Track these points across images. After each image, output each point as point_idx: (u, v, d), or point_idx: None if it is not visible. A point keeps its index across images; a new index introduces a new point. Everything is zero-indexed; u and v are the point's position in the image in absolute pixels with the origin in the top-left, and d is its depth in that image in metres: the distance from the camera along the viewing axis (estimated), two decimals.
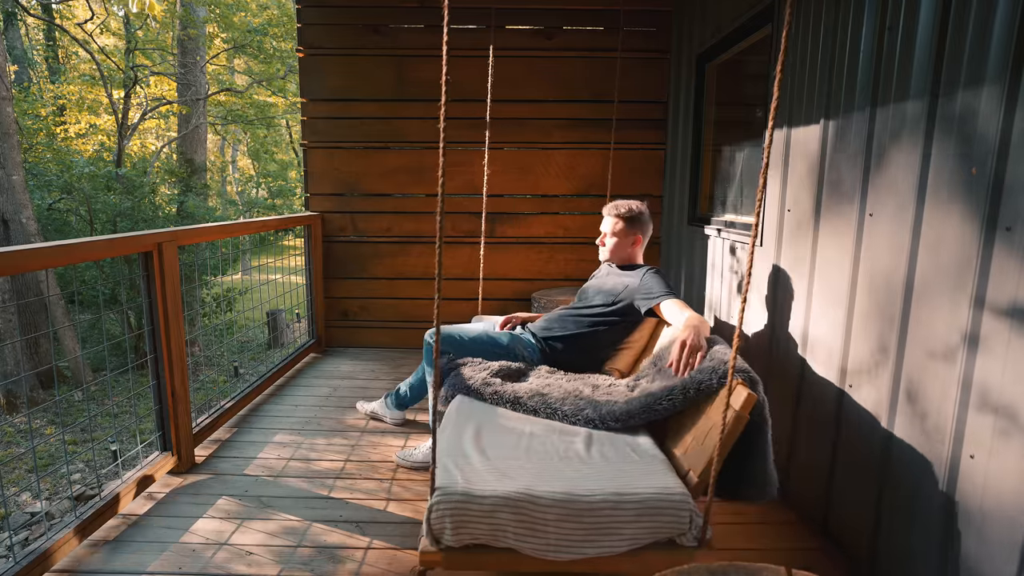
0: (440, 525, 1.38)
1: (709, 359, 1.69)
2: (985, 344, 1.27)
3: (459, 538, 1.39)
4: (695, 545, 1.40)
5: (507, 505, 1.37)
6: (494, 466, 1.54)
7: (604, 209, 2.42)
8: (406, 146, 4.00)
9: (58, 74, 11.81)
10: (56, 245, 1.74)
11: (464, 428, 1.79)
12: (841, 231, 1.82)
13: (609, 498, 1.39)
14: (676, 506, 1.39)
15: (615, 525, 1.38)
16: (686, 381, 1.66)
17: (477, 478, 1.47)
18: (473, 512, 1.38)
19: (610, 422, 1.78)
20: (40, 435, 5.88)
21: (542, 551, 1.39)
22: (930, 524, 1.43)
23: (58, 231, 8.42)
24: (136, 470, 2.12)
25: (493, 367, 2.15)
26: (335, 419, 2.86)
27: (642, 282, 2.23)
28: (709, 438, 1.50)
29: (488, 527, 1.38)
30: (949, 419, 1.37)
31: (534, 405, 1.92)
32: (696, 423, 1.64)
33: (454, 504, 1.38)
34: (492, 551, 1.41)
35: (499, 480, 1.46)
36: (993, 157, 1.25)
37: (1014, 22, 1.20)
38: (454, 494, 1.39)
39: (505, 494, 1.39)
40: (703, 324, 1.84)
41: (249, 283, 9.43)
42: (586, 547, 1.39)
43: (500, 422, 1.85)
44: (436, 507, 1.38)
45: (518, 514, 1.38)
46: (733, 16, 2.75)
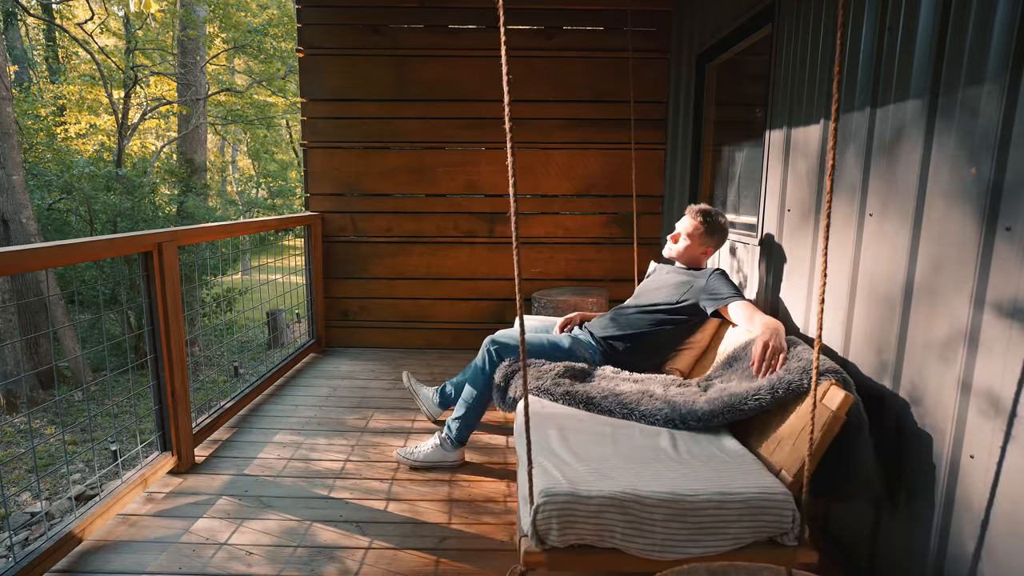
0: (547, 525, 1.37)
1: (797, 359, 1.68)
2: (985, 344, 1.27)
3: (565, 538, 1.38)
4: (795, 544, 1.40)
5: (613, 505, 1.38)
6: (591, 466, 1.53)
7: (688, 208, 2.40)
8: (406, 146, 4.00)
9: (58, 74, 11.81)
10: (56, 245, 1.74)
11: (546, 429, 1.76)
12: (841, 231, 1.82)
13: (713, 498, 1.39)
14: (779, 505, 1.38)
15: (719, 524, 1.38)
16: (774, 381, 1.64)
17: (579, 478, 1.46)
18: (580, 512, 1.37)
19: (691, 422, 1.76)
20: (40, 435, 5.88)
21: (648, 551, 1.39)
22: (930, 524, 1.43)
23: (58, 231, 8.42)
24: (136, 470, 2.12)
25: (558, 368, 2.11)
26: (335, 419, 2.86)
27: (709, 282, 2.21)
28: (801, 438, 1.49)
29: (595, 527, 1.38)
30: (949, 419, 1.37)
31: (608, 405, 1.89)
32: (784, 423, 1.62)
33: (561, 504, 1.37)
34: (597, 551, 1.41)
35: (601, 480, 1.45)
36: (993, 157, 1.25)
37: (1014, 22, 1.20)
38: (560, 494, 1.38)
39: (611, 494, 1.39)
40: (781, 327, 1.84)
41: (249, 283, 9.43)
42: (691, 547, 1.39)
43: (578, 423, 1.83)
44: (543, 508, 1.37)
45: (625, 514, 1.38)
46: (733, 16, 2.75)
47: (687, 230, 2.36)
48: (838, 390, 1.44)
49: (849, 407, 1.42)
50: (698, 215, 2.36)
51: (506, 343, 2.29)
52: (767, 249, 2.39)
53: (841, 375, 1.52)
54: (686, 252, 2.37)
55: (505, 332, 2.40)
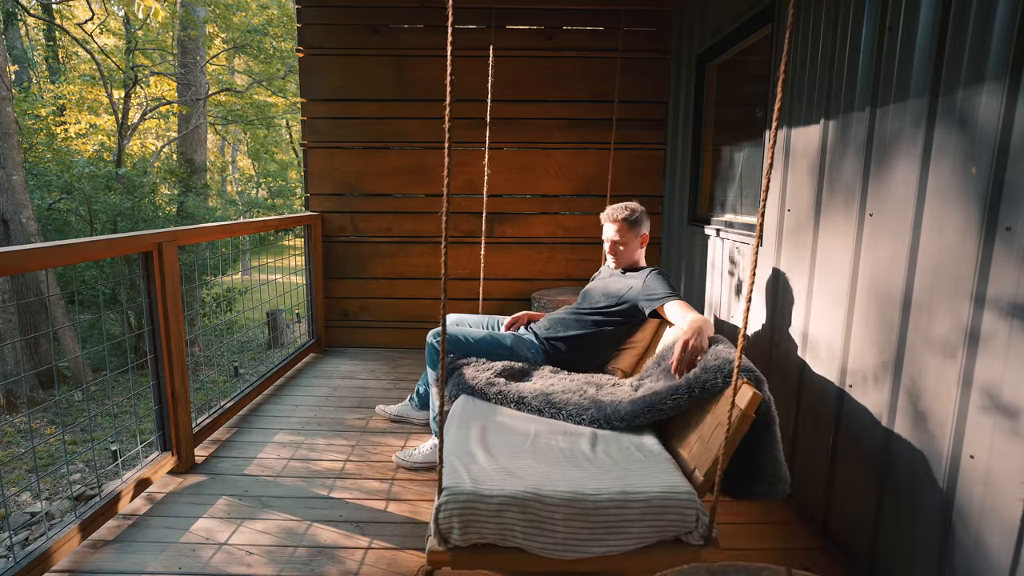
0: (448, 524, 1.39)
1: (714, 358, 1.68)
2: (985, 343, 1.27)
3: (467, 537, 1.39)
4: (701, 544, 1.41)
5: (514, 504, 1.38)
6: (501, 465, 1.54)
7: (602, 216, 2.40)
8: (406, 146, 4.00)
9: (58, 74, 11.81)
10: (56, 245, 1.74)
11: (469, 428, 1.79)
12: (841, 231, 1.82)
13: (615, 497, 1.39)
14: (682, 504, 1.39)
15: (622, 524, 1.39)
16: (691, 380, 1.66)
17: (484, 477, 1.47)
18: (481, 511, 1.38)
19: (615, 422, 1.79)
20: (40, 435, 5.88)
21: (550, 550, 1.39)
22: (930, 524, 1.43)
23: (58, 231, 8.41)
24: (136, 470, 2.12)
25: (496, 367, 2.16)
26: (335, 419, 2.86)
27: (646, 283, 2.23)
28: (715, 437, 1.51)
29: (496, 526, 1.39)
30: (949, 419, 1.37)
31: (538, 405, 1.92)
32: (702, 422, 1.64)
33: (462, 503, 1.38)
34: (500, 550, 1.42)
35: (506, 480, 1.46)
36: (993, 157, 1.25)
37: (1014, 22, 1.20)
38: (461, 493, 1.39)
39: (513, 493, 1.39)
40: (707, 325, 1.85)
41: (249, 283, 9.43)
42: (593, 546, 1.39)
43: (504, 422, 1.85)
44: (444, 507, 1.39)
45: (526, 513, 1.38)
46: (733, 16, 2.75)
47: (617, 237, 2.35)
48: (748, 388, 1.44)
49: (758, 405, 1.43)
50: (613, 218, 2.35)
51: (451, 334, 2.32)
52: (767, 249, 2.39)
53: (754, 374, 1.51)
54: (626, 257, 2.39)
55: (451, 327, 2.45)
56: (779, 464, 1.54)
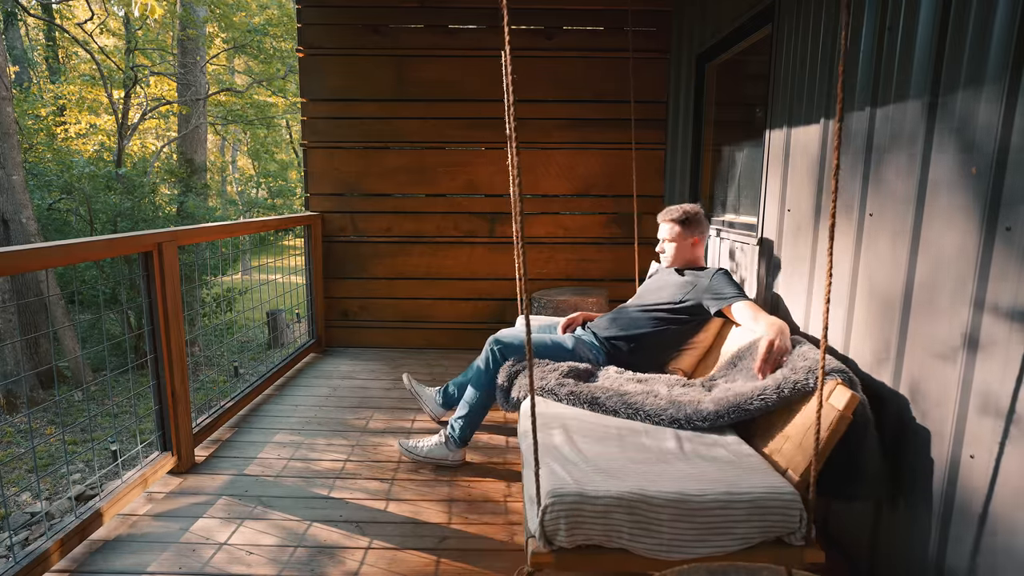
0: (554, 526, 1.37)
1: (802, 359, 1.67)
2: (986, 343, 1.27)
3: (573, 539, 1.38)
4: (803, 544, 1.39)
5: (621, 505, 1.37)
6: (598, 466, 1.53)
7: (659, 217, 2.42)
8: (406, 146, 4.00)
9: (58, 74, 11.81)
10: (56, 245, 1.74)
11: (550, 429, 1.75)
12: (841, 231, 1.82)
13: (720, 497, 1.38)
14: (787, 505, 1.38)
15: (727, 524, 1.38)
16: (780, 381, 1.64)
17: (586, 479, 1.46)
18: (587, 512, 1.37)
19: (696, 422, 1.76)
20: (40, 435, 5.88)
21: (656, 551, 1.39)
22: (930, 524, 1.43)
23: (58, 231, 8.41)
24: (136, 470, 2.12)
25: (563, 368, 2.10)
26: (335, 419, 2.86)
27: (712, 282, 2.21)
28: (807, 438, 1.49)
29: (602, 527, 1.38)
30: (949, 419, 1.37)
31: (613, 405, 1.88)
32: (789, 423, 1.62)
33: (569, 505, 1.37)
34: (604, 551, 1.41)
35: (608, 480, 1.45)
36: (993, 157, 1.25)
37: (1014, 22, 1.20)
38: (568, 495, 1.38)
39: (619, 494, 1.38)
40: (786, 327, 1.85)
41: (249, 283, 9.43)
42: (698, 547, 1.38)
43: (583, 423, 1.82)
44: (551, 508, 1.37)
45: (632, 514, 1.37)
46: (733, 16, 2.75)
47: (668, 236, 2.38)
48: (844, 390, 1.44)
49: (855, 407, 1.42)
50: (668, 217, 2.38)
51: (510, 343, 2.28)
52: (767, 249, 2.39)
53: (847, 375, 1.52)
54: (678, 256, 2.38)
55: (508, 331, 2.40)
56: (878, 464, 1.52)
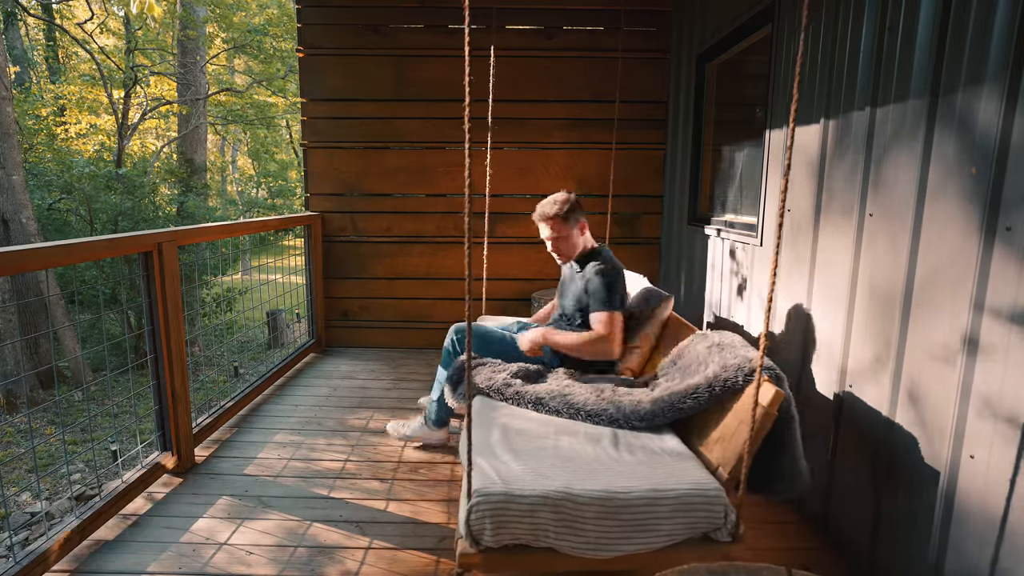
0: (480, 526, 1.38)
1: (733, 356, 1.69)
2: (985, 343, 1.27)
3: (499, 538, 1.39)
4: (729, 540, 1.42)
5: (546, 504, 1.39)
6: (529, 466, 1.54)
7: (534, 216, 2.33)
8: (406, 146, 4.00)
9: (58, 74, 11.81)
10: (56, 245, 1.74)
11: (489, 429, 1.79)
12: (841, 231, 1.82)
13: (646, 495, 1.40)
14: (711, 501, 1.40)
15: (652, 521, 1.40)
16: (711, 379, 1.67)
17: (514, 478, 1.47)
18: (513, 512, 1.38)
19: (635, 421, 1.79)
20: (40, 435, 5.88)
21: (582, 549, 1.40)
22: (930, 524, 1.43)
23: (58, 231, 8.41)
24: (136, 470, 2.12)
25: (512, 368, 2.14)
26: (335, 419, 2.85)
27: (589, 285, 2.20)
28: (738, 435, 1.51)
29: (528, 526, 1.39)
30: (949, 419, 1.37)
31: (556, 406, 1.92)
32: (722, 420, 1.64)
33: (494, 504, 1.38)
34: (531, 551, 1.42)
35: (536, 480, 1.46)
36: (993, 157, 1.25)
37: (1014, 22, 1.20)
38: (494, 494, 1.39)
39: (544, 493, 1.40)
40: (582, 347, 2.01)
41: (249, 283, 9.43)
42: (624, 544, 1.40)
43: (524, 423, 1.85)
44: (476, 508, 1.38)
45: (558, 513, 1.39)
46: (733, 16, 2.75)
47: (552, 235, 2.29)
48: (769, 386, 1.44)
49: (780, 403, 1.44)
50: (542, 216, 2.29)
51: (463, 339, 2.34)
52: (767, 249, 2.39)
53: (774, 371, 1.53)
54: (570, 248, 2.32)
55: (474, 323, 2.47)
56: (798, 460, 1.55)
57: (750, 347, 1.75)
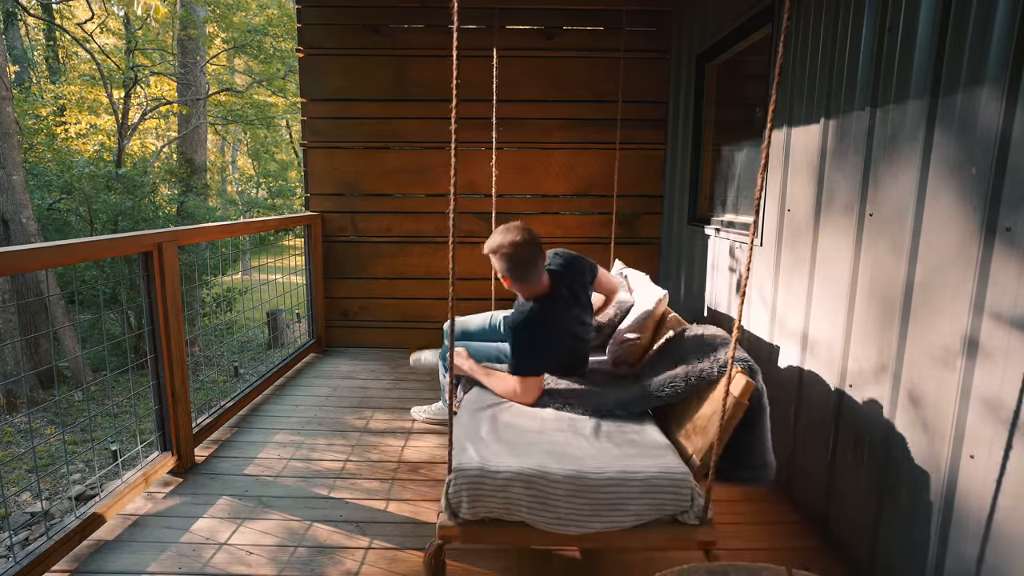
0: (457, 499, 1.47)
1: (712, 348, 1.76)
2: (985, 344, 1.27)
3: (475, 511, 1.48)
4: (696, 523, 1.48)
5: (520, 480, 1.46)
6: (507, 446, 1.62)
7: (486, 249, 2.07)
8: (406, 146, 4.00)
9: (58, 74, 11.81)
10: (56, 245, 1.74)
11: (480, 416, 1.86)
12: (841, 231, 1.82)
13: (615, 476, 1.47)
14: (677, 484, 1.46)
15: (621, 501, 1.46)
16: (688, 369, 1.73)
17: (492, 455, 1.55)
18: (488, 486, 1.46)
19: (615, 410, 1.85)
20: (40, 435, 5.88)
21: (553, 525, 1.47)
22: (930, 524, 1.43)
23: (58, 231, 8.41)
24: (136, 470, 2.12)
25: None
26: (335, 419, 2.85)
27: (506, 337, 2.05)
28: (711, 424, 1.56)
29: (502, 500, 1.47)
30: (949, 418, 1.37)
31: (549, 397, 1.98)
32: (699, 410, 1.69)
33: (470, 479, 1.46)
34: (506, 524, 1.50)
35: (512, 458, 1.54)
36: (993, 157, 1.25)
37: (1014, 22, 1.20)
38: (470, 469, 1.48)
39: (519, 469, 1.47)
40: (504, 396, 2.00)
41: (249, 283, 9.43)
42: (593, 522, 1.47)
43: (513, 412, 1.92)
44: (454, 482, 1.47)
45: (530, 489, 1.46)
46: (733, 16, 2.75)
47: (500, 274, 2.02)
48: (742, 377, 1.50)
49: (751, 393, 1.49)
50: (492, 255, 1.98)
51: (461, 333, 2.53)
52: (767, 249, 2.39)
53: (748, 363, 1.59)
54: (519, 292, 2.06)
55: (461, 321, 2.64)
56: (766, 450, 1.61)
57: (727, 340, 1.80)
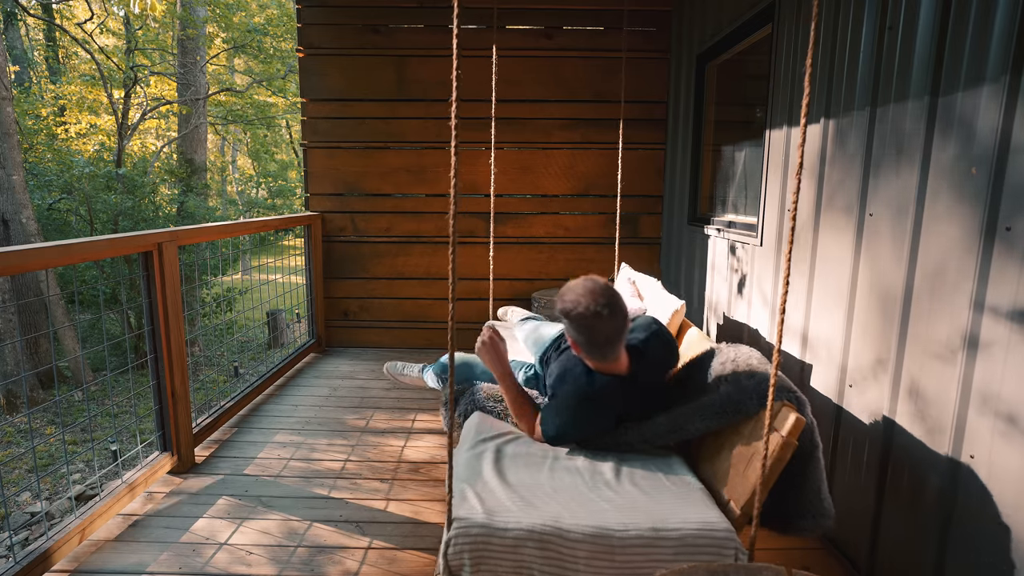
0: (458, 561, 1.25)
1: (748, 376, 1.50)
2: (985, 343, 1.27)
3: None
4: None
5: (532, 539, 1.25)
6: (517, 493, 1.40)
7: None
8: (406, 146, 4.00)
9: (58, 74, 11.81)
10: (56, 245, 1.74)
11: (483, 449, 1.64)
12: (841, 231, 1.82)
13: (644, 533, 1.25)
14: (720, 543, 1.24)
15: (650, 565, 1.23)
16: (722, 400, 1.48)
17: (499, 507, 1.32)
18: (495, 547, 1.25)
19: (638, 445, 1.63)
20: (40, 435, 5.88)
21: None
22: (930, 524, 1.43)
23: (58, 231, 8.41)
24: (136, 470, 2.12)
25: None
26: (335, 419, 2.85)
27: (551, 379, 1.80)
28: (751, 466, 1.35)
29: (511, 564, 1.25)
30: (949, 418, 1.37)
31: None
32: (735, 446, 1.46)
33: (474, 538, 1.25)
34: None
35: (523, 510, 1.31)
36: (993, 157, 1.25)
37: (1014, 22, 1.20)
38: (474, 526, 1.26)
39: (531, 527, 1.26)
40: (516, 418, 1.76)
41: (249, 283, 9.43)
42: None
43: (520, 443, 1.70)
44: (454, 541, 1.25)
45: (544, 550, 1.24)
46: (733, 16, 2.75)
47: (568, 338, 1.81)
48: (790, 412, 1.28)
49: (801, 432, 1.27)
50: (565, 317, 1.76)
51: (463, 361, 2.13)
52: (767, 249, 2.39)
53: (795, 395, 1.36)
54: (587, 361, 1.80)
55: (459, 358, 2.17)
56: (823, 496, 1.37)
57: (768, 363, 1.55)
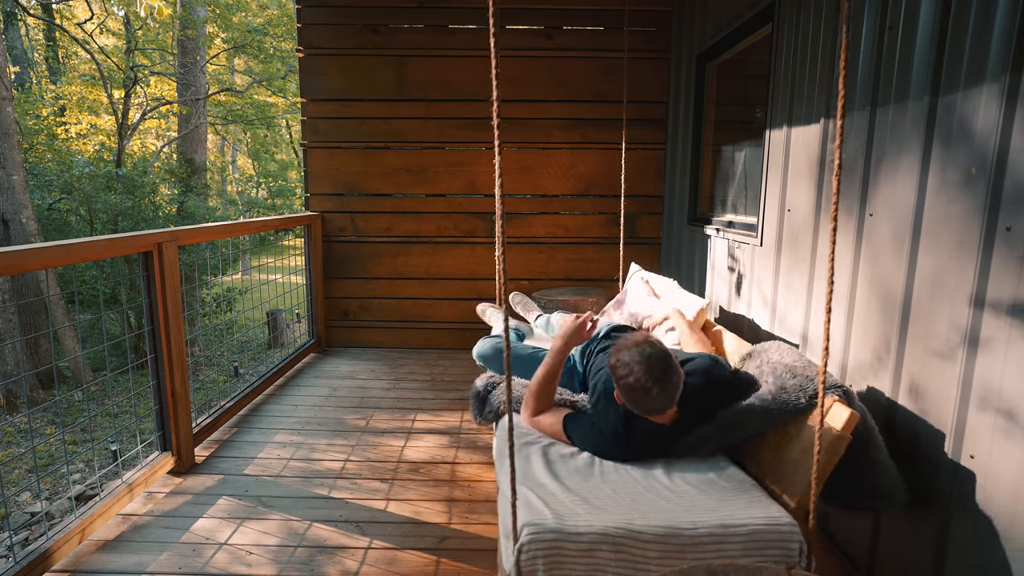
0: (532, 567, 1.23)
1: (791, 376, 1.53)
2: (985, 343, 1.27)
3: None
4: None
5: (606, 542, 1.25)
6: (579, 496, 1.41)
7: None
8: (406, 146, 4.00)
9: (58, 74, 11.81)
10: (56, 245, 1.74)
11: (529, 452, 1.63)
12: (841, 231, 1.82)
13: (714, 531, 1.27)
14: (786, 537, 1.27)
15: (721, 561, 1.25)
16: (768, 401, 1.50)
17: (567, 512, 1.33)
18: (569, 551, 1.24)
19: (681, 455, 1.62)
20: (40, 435, 5.87)
21: None
22: (930, 524, 1.43)
23: (58, 231, 8.41)
24: (136, 470, 2.12)
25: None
26: (335, 419, 2.85)
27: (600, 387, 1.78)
28: (804, 460, 1.38)
29: (585, 567, 1.25)
30: (949, 418, 1.37)
31: None
32: (784, 442, 1.49)
33: (548, 543, 1.24)
34: None
35: (592, 513, 1.32)
36: (993, 157, 1.25)
37: (1014, 22, 1.20)
38: (547, 532, 1.25)
39: (603, 530, 1.26)
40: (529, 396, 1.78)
41: (249, 283, 9.43)
42: None
43: (561, 445, 1.70)
44: (527, 547, 1.23)
45: (618, 551, 1.25)
46: (733, 16, 2.75)
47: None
48: (842, 408, 1.34)
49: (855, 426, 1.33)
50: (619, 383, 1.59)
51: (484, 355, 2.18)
52: (767, 249, 2.39)
53: (843, 389, 1.43)
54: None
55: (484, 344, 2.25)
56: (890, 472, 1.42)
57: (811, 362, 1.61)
